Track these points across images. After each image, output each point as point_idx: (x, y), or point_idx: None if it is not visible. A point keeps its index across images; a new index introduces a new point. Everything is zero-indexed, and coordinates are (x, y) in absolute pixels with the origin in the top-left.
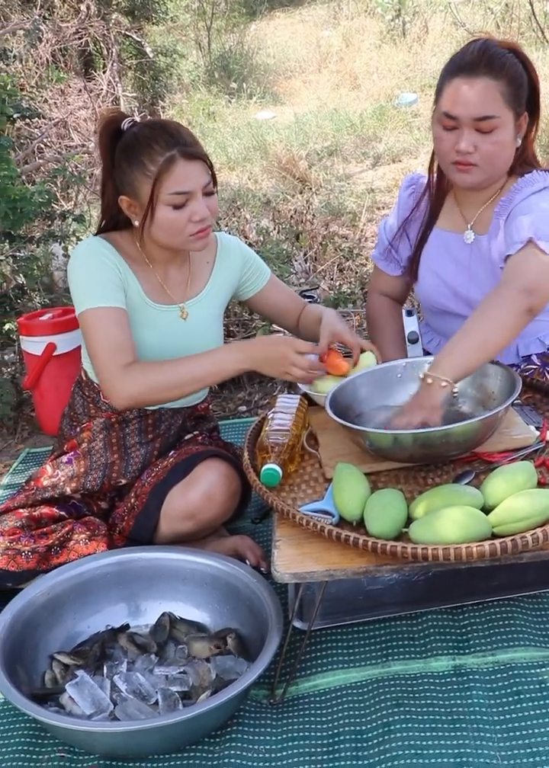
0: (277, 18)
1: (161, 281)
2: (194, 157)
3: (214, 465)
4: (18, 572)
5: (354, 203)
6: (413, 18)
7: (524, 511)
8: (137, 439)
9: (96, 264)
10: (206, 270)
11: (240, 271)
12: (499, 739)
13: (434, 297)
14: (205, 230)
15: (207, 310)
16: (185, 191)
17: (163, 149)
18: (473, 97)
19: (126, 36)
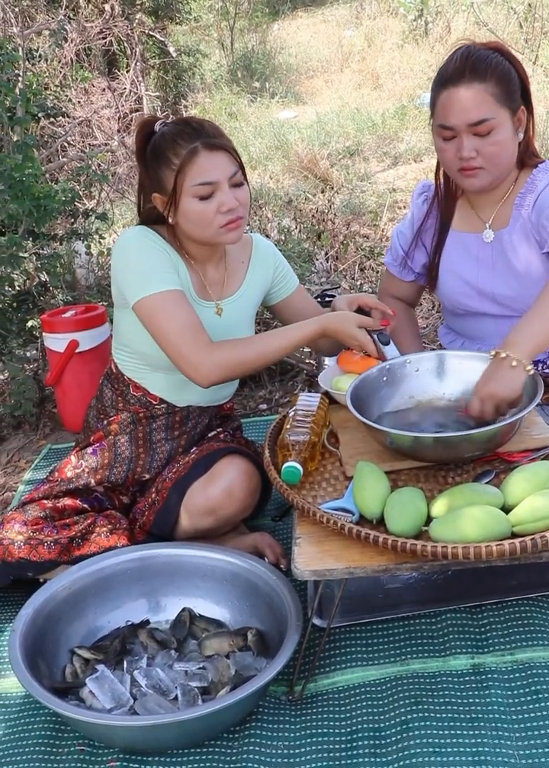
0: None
1: (200, 278)
2: (217, 148)
3: (235, 461)
4: (40, 562)
5: (376, 202)
6: (436, 18)
7: (544, 510)
8: (163, 435)
9: (149, 248)
10: (241, 269)
11: (272, 274)
12: (517, 738)
13: (458, 299)
14: (235, 221)
15: (242, 310)
16: (210, 182)
17: (187, 142)
18: (464, 105)
19: (149, 35)
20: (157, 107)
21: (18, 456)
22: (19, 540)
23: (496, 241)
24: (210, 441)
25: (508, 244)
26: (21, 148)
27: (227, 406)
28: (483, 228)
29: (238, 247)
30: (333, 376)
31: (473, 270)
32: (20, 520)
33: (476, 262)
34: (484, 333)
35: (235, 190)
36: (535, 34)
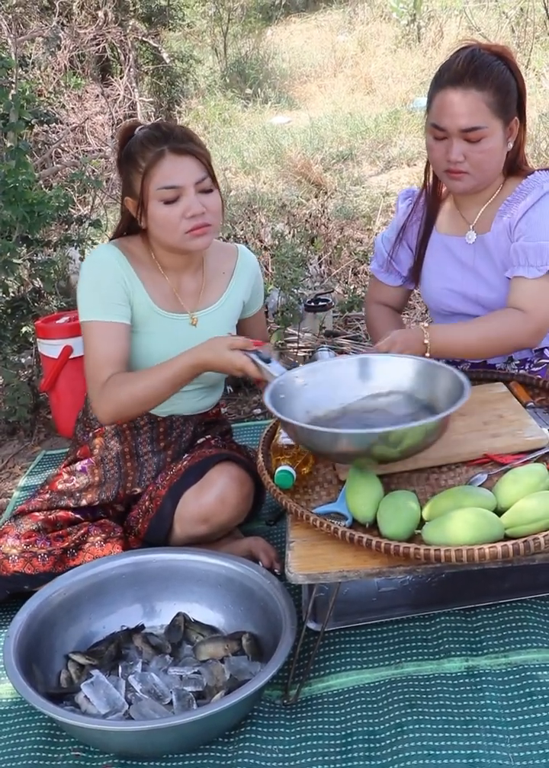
0: (293, 23)
1: (174, 289)
2: (184, 152)
3: (227, 468)
4: (35, 575)
5: (369, 206)
6: (428, 23)
7: (537, 513)
8: (149, 447)
9: (102, 277)
10: (222, 280)
11: (252, 288)
12: (512, 740)
13: (442, 300)
14: (202, 227)
15: (220, 321)
16: (174, 185)
17: (154, 146)
18: (459, 109)
19: (143, 42)
20: (151, 112)
21: (13, 462)
22: (13, 554)
23: (478, 243)
24: (202, 448)
25: (491, 248)
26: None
27: (213, 412)
28: (466, 230)
29: (219, 257)
30: None
31: (457, 274)
32: (13, 533)
33: (460, 265)
34: None
35: (203, 195)
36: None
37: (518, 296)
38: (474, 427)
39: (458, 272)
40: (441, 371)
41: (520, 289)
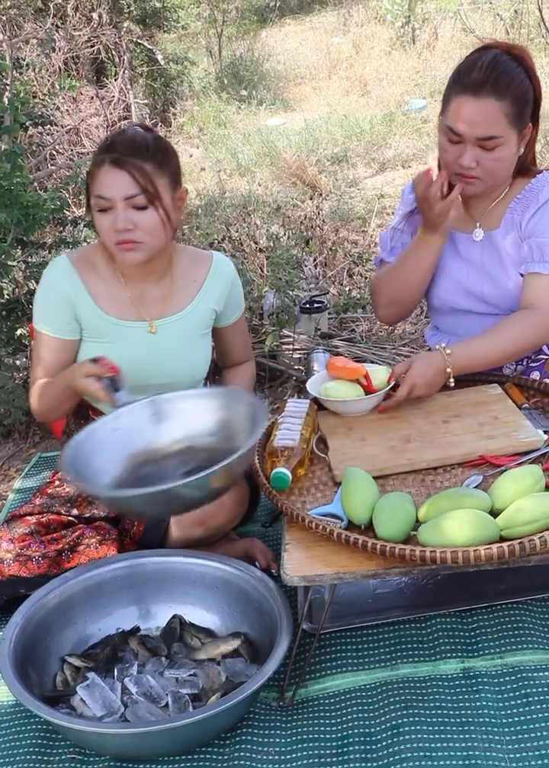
0: (288, 25)
1: (133, 297)
2: (119, 165)
3: None
4: (30, 578)
5: (364, 208)
6: (423, 25)
7: (532, 514)
8: None
9: (48, 296)
10: (191, 288)
11: (226, 296)
12: (508, 741)
13: (445, 296)
14: (128, 243)
15: (184, 329)
16: (104, 197)
17: (99, 154)
18: (477, 118)
19: (137, 44)
20: (146, 114)
21: (8, 464)
22: (8, 558)
23: (485, 240)
24: None
25: (499, 246)
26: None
27: None
28: (473, 228)
29: (191, 264)
30: (322, 382)
31: (462, 269)
32: (7, 537)
33: (466, 262)
34: (469, 330)
35: (135, 212)
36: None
37: (533, 293)
38: (469, 428)
39: (463, 269)
40: (237, 399)
41: (535, 285)
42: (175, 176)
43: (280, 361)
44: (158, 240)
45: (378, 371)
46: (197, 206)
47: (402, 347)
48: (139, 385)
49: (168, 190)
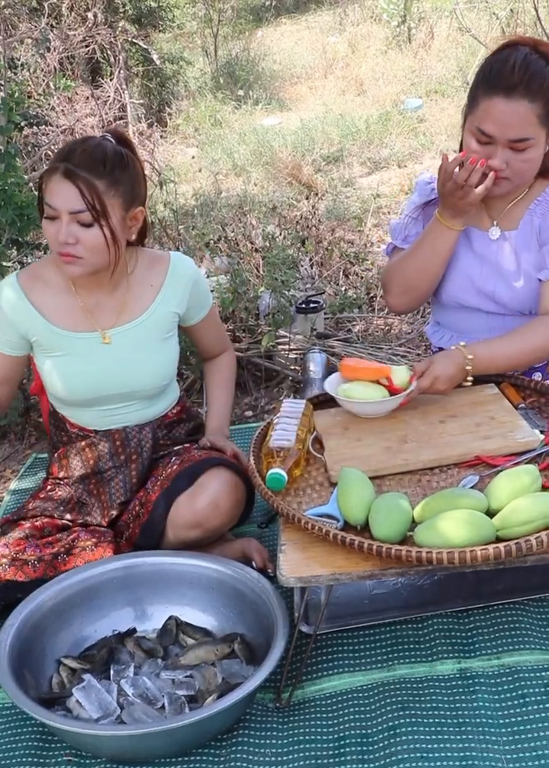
0: (284, 25)
1: (85, 307)
2: (70, 177)
3: (219, 473)
4: (27, 582)
5: (360, 208)
6: (419, 24)
7: (529, 514)
8: (111, 463)
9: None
10: (149, 293)
11: (189, 295)
12: (505, 742)
13: (455, 292)
14: (68, 256)
15: (140, 337)
16: (51, 206)
17: (54, 160)
18: (510, 120)
19: (133, 43)
20: (141, 114)
21: (4, 465)
22: (3, 563)
23: (502, 240)
24: (190, 452)
25: (515, 246)
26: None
27: (173, 412)
28: (489, 225)
29: (148, 269)
30: (338, 383)
31: (476, 266)
32: (2, 543)
33: (479, 259)
34: (474, 327)
35: (80, 228)
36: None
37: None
38: (466, 428)
39: (477, 266)
40: None
41: None
42: (131, 195)
43: (276, 361)
44: (100, 258)
45: (399, 370)
46: (193, 206)
47: (398, 347)
48: (96, 397)
49: (120, 210)
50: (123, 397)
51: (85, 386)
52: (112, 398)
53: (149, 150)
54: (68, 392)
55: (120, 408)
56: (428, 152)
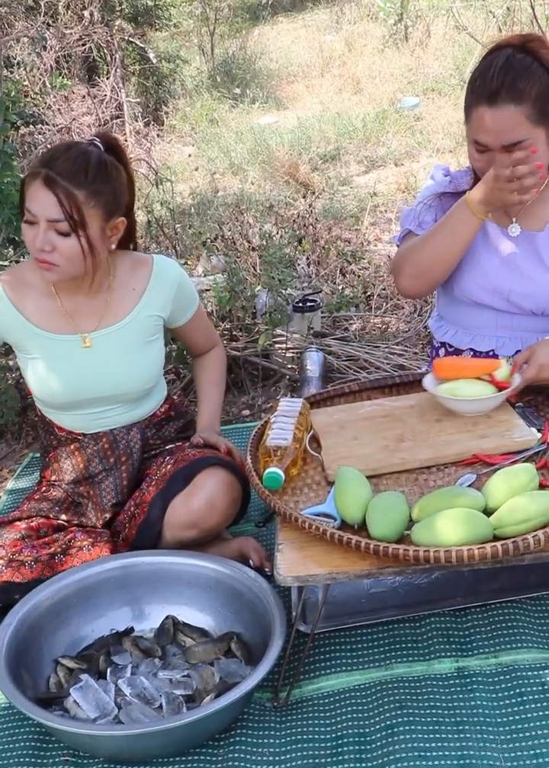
0: (280, 23)
1: (66, 310)
2: (50, 185)
3: (215, 473)
4: (24, 583)
5: (357, 206)
6: (415, 22)
7: (526, 513)
8: (100, 466)
9: None
10: (132, 296)
11: (173, 297)
12: (503, 741)
13: (470, 288)
14: (44, 262)
15: (123, 340)
16: (30, 211)
17: (36, 165)
18: (498, 127)
19: (129, 42)
20: (138, 113)
21: (1, 465)
22: (0, 564)
23: (523, 238)
24: (183, 451)
25: (539, 247)
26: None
27: (161, 411)
28: (508, 222)
29: (131, 272)
30: (435, 383)
31: (493, 263)
32: None
33: (497, 256)
34: (482, 324)
35: (57, 236)
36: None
37: None
38: (463, 427)
39: (494, 263)
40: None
41: None
42: (113, 205)
43: (274, 360)
44: (75, 267)
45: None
46: (190, 205)
47: (395, 346)
48: (78, 401)
49: (99, 221)
50: (106, 400)
51: (66, 389)
52: (95, 402)
53: (145, 149)
54: (49, 395)
55: (105, 411)
56: (425, 150)
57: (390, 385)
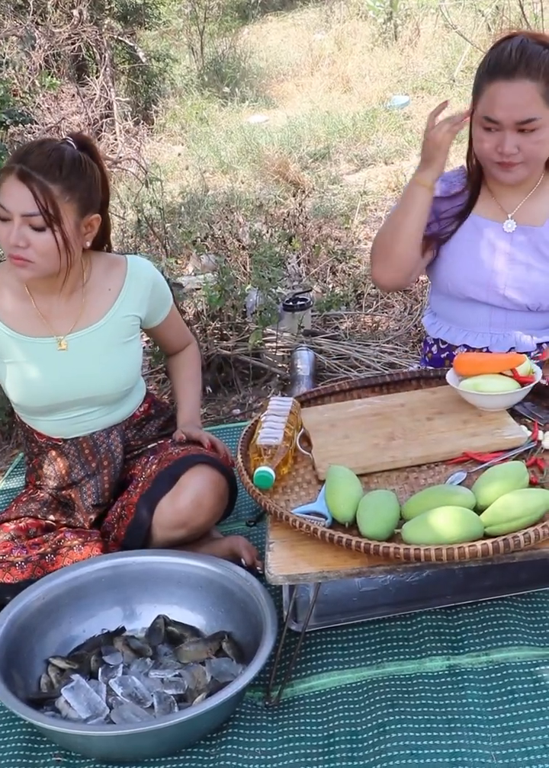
0: (270, 22)
1: (40, 312)
2: (25, 179)
3: (200, 471)
4: (15, 584)
5: (347, 205)
6: (405, 21)
7: (516, 511)
8: (83, 472)
9: None
10: (107, 297)
11: (149, 297)
12: (494, 738)
13: (464, 284)
14: (19, 259)
15: (99, 342)
16: (4, 206)
17: (11, 160)
18: (514, 101)
19: (118, 41)
20: (128, 112)
21: None
22: None
23: (519, 233)
24: (167, 450)
25: (538, 243)
26: None
27: (140, 411)
28: (503, 218)
29: (105, 273)
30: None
31: (488, 258)
32: None
33: (492, 251)
34: (476, 321)
35: (32, 231)
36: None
37: None
38: (453, 425)
39: (489, 259)
40: None
41: None
42: (87, 201)
43: (264, 359)
44: (51, 263)
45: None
46: (180, 204)
47: (386, 344)
48: (55, 404)
49: (74, 216)
50: (84, 403)
51: (43, 393)
52: (73, 405)
53: (135, 148)
54: (27, 400)
55: (83, 414)
56: (415, 149)
57: (380, 384)
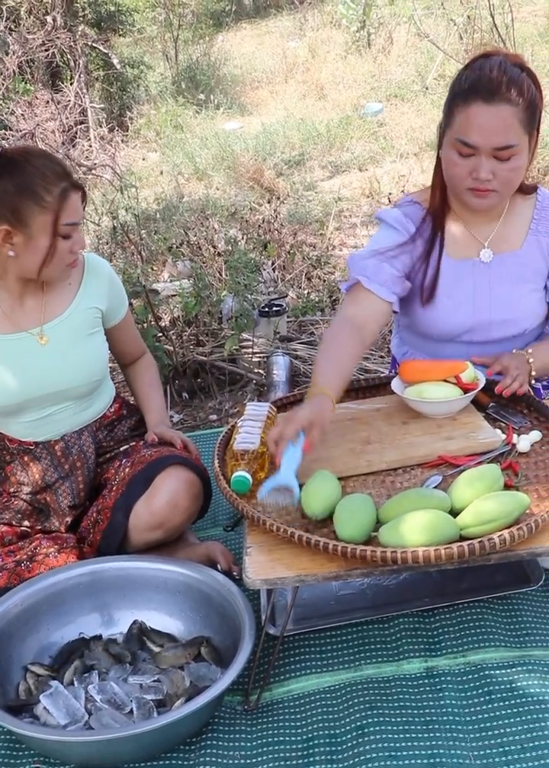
0: (244, 30)
1: (6, 311)
2: (79, 188)
3: (174, 472)
4: None
5: (322, 211)
6: (378, 29)
7: (492, 513)
8: (56, 474)
9: None
10: (68, 291)
11: (108, 290)
12: (472, 739)
13: (445, 330)
14: (78, 258)
15: (72, 330)
16: (75, 222)
17: (57, 180)
18: (493, 127)
19: (93, 47)
20: (102, 119)
21: None
22: None
23: (498, 264)
24: (139, 452)
25: (515, 268)
26: None
27: (111, 411)
28: (478, 248)
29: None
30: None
31: (469, 296)
32: None
33: (473, 286)
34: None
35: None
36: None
37: None
38: (428, 430)
39: (470, 295)
40: None
41: None
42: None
43: (240, 365)
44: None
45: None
46: (155, 210)
47: None
48: (25, 401)
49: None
50: (54, 398)
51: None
52: (43, 401)
53: (110, 154)
54: None
55: (54, 413)
56: (389, 155)
57: (356, 389)
